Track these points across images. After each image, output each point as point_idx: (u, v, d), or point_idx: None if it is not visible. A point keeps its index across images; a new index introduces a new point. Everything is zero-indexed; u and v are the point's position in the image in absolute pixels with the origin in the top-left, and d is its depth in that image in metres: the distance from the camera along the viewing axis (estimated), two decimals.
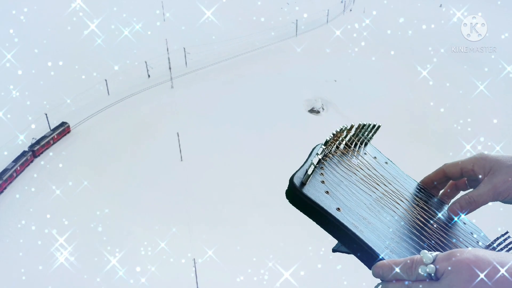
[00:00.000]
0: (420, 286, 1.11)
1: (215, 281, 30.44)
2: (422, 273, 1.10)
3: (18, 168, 39.96)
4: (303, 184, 1.33)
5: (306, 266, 30.50)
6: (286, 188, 1.34)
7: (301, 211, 1.33)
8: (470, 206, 1.51)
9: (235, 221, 34.68)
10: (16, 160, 40.43)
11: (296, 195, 1.32)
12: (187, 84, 54.88)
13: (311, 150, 1.52)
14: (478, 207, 1.51)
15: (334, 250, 1.48)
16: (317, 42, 64.78)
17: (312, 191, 1.33)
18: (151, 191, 37.61)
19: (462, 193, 1.63)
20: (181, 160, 40.82)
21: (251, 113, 48.49)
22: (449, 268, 1.06)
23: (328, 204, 1.33)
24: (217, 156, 41.42)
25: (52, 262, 31.05)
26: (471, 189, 1.56)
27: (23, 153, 41.25)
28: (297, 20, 67.78)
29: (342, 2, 78.23)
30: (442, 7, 72.74)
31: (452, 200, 1.63)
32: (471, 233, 1.58)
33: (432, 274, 1.09)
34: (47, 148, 43.25)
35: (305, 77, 55.78)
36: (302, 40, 66.09)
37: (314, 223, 1.33)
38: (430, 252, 1.12)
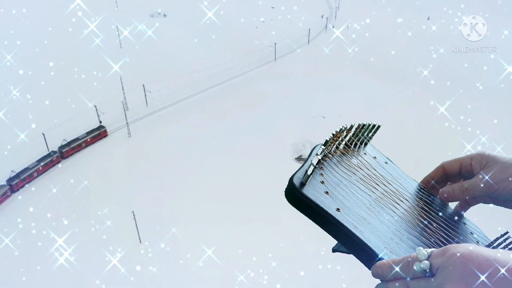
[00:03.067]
0: (420, 283, 1.12)
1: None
2: (417, 270, 1.11)
3: (41, 168, 39.02)
4: (302, 184, 1.33)
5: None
6: (285, 188, 1.33)
7: (300, 211, 1.32)
8: (462, 194, 1.57)
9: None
10: (40, 160, 39.45)
11: (296, 196, 1.31)
12: (148, 129, 45.09)
13: (310, 151, 1.51)
14: (469, 196, 1.56)
15: (334, 250, 1.48)
16: (299, 67, 56.86)
17: (312, 191, 1.33)
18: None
19: None
20: (140, 242, 33.35)
21: (226, 166, 40.03)
22: (443, 263, 1.07)
23: (327, 204, 1.33)
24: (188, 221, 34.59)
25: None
26: None
27: (50, 154, 40.25)
28: (275, 44, 58.86)
29: (322, 17, 70.81)
30: (430, 20, 69.16)
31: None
32: (471, 233, 1.58)
33: (427, 270, 1.10)
34: (78, 151, 41.85)
35: (288, 113, 47.47)
36: (282, 66, 57.65)
37: (314, 223, 1.33)
38: (425, 249, 1.13)
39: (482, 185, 1.50)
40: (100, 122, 43.70)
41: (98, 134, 43.18)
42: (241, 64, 56.62)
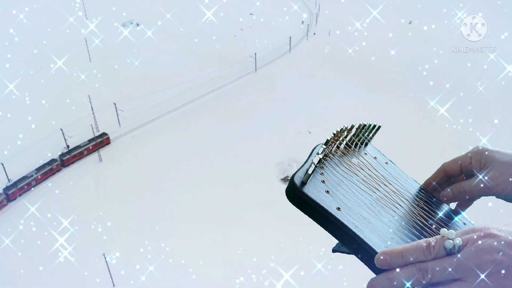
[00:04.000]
0: (443, 263, 1.11)
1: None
2: (449, 247, 1.11)
3: (39, 177, 37.47)
4: (303, 183, 1.33)
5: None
6: (286, 187, 1.34)
7: (301, 210, 1.33)
8: (460, 195, 1.57)
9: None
10: (39, 169, 37.89)
11: (297, 195, 1.32)
12: (121, 152, 41.47)
13: (310, 151, 1.52)
14: (468, 196, 1.56)
15: (334, 250, 1.48)
16: (282, 77, 53.36)
17: (313, 191, 1.33)
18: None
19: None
20: (113, 286, 30.45)
21: (206, 188, 37.40)
22: (474, 239, 1.10)
23: (328, 203, 1.33)
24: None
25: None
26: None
27: (50, 162, 38.90)
28: (255, 54, 54.96)
29: (303, 23, 67.29)
30: (411, 24, 66.85)
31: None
32: None
33: (457, 247, 1.11)
34: (79, 159, 40.41)
35: (271, 128, 44.17)
36: (263, 77, 54.13)
37: (314, 223, 1.33)
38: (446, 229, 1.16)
39: (481, 185, 1.49)
40: (68, 146, 40.80)
41: (101, 141, 41.84)
42: (220, 77, 52.93)
